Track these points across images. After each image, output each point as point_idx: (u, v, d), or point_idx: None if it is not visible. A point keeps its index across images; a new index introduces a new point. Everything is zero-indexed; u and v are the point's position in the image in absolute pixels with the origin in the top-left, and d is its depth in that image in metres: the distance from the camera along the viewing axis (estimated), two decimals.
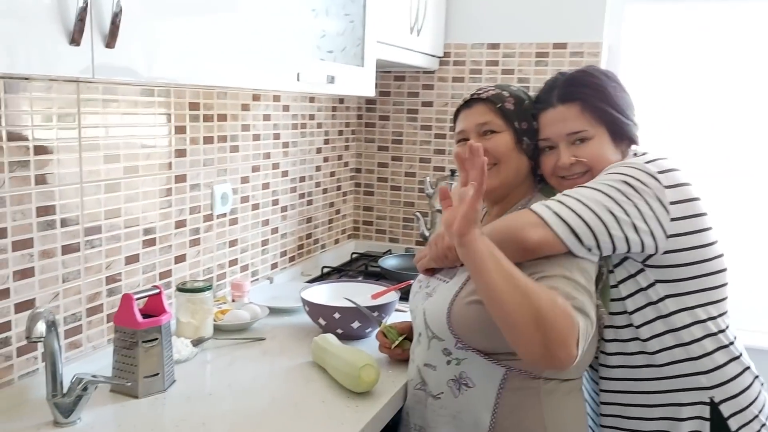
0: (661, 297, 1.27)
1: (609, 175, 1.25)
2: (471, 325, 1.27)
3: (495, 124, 1.34)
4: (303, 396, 1.40)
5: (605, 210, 1.20)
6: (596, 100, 1.31)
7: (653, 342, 1.29)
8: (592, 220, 1.19)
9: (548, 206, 1.22)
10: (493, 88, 1.38)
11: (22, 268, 1.33)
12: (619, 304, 1.31)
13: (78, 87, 1.40)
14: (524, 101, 1.37)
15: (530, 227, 1.20)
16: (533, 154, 1.36)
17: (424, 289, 1.41)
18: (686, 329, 1.27)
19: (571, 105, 1.31)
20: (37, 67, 0.90)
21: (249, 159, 2.02)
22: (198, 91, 1.76)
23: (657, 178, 1.22)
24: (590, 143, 1.31)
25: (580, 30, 2.38)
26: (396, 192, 2.74)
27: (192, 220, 1.80)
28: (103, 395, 1.37)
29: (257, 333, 1.76)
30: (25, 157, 1.30)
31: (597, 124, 1.31)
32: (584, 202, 1.21)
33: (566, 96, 1.32)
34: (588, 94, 1.31)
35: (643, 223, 1.20)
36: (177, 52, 1.18)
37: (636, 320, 1.30)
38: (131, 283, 1.60)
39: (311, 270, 2.38)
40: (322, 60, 1.69)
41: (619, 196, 1.20)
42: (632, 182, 1.21)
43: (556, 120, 1.32)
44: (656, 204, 1.21)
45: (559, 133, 1.32)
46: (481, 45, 2.51)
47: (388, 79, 2.67)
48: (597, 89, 1.32)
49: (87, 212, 1.46)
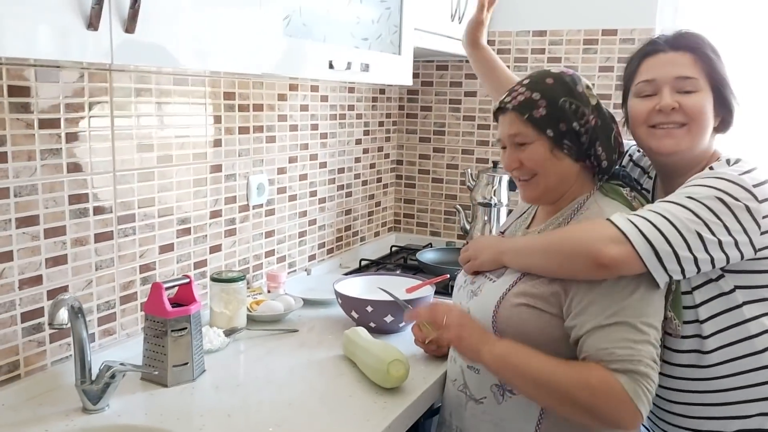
0: (739, 304, 1.18)
1: (699, 188, 1.14)
2: (518, 329, 1.19)
3: (525, 135, 1.22)
4: (331, 390, 1.38)
5: (692, 232, 1.10)
6: (711, 52, 1.23)
7: (717, 354, 1.21)
8: (678, 243, 1.09)
9: (631, 220, 1.12)
10: (524, 91, 1.23)
11: (55, 255, 1.34)
12: (691, 312, 1.22)
13: (110, 75, 1.40)
14: (559, 99, 1.20)
15: (608, 242, 1.10)
16: (587, 151, 1.23)
17: (469, 286, 1.34)
18: (763, 335, 1.19)
19: (685, 53, 1.23)
20: (53, 52, 0.89)
21: (286, 149, 2.00)
22: (233, 80, 1.75)
23: (752, 192, 1.12)
24: (696, 95, 1.22)
25: (631, 15, 2.28)
26: (438, 184, 2.69)
27: (227, 210, 1.80)
28: (133, 383, 1.38)
29: (291, 324, 1.75)
30: (57, 145, 1.31)
31: (705, 79, 1.22)
32: (671, 221, 1.10)
33: (680, 43, 1.24)
34: (703, 47, 1.23)
35: (730, 238, 1.11)
36: (202, 39, 1.16)
37: (705, 330, 1.21)
38: (165, 272, 1.61)
39: (350, 262, 2.36)
40: (356, 48, 1.65)
41: (708, 216, 1.11)
42: (725, 198, 1.11)
43: (666, 63, 1.24)
44: (747, 218, 1.11)
45: (666, 74, 1.23)
46: (527, 32, 2.44)
47: (430, 68, 2.61)
48: (712, 47, 1.25)
49: (120, 201, 1.46)
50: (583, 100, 1.21)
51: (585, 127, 1.20)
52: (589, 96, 1.23)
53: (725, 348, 1.20)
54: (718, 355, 1.21)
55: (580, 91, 1.22)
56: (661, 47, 1.26)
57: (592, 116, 1.21)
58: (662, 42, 1.27)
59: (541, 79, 1.24)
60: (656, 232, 1.10)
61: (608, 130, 1.24)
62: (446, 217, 2.70)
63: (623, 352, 1.09)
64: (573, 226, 1.21)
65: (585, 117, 1.20)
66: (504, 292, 1.22)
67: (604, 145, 1.23)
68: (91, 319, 1.43)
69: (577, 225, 1.21)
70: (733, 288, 1.18)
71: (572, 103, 1.20)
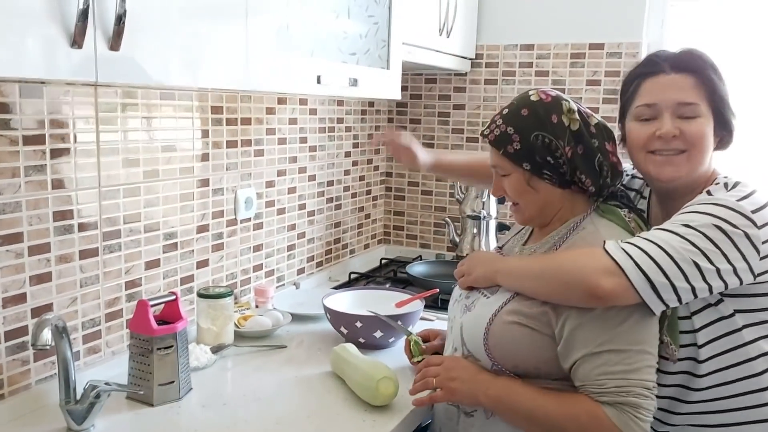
0: (739, 327, 1.17)
1: (696, 215, 1.12)
2: (509, 347, 1.19)
3: (503, 168, 1.24)
4: (319, 408, 1.36)
5: (689, 262, 1.07)
6: (713, 78, 1.20)
7: (710, 378, 1.20)
8: (674, 274, 1.07)
9: (626, 251, 1.10)
10: (501, 124, 1.22)
11: (39, 273, 1.32)
12: (689, 336, 1.21)
13: (96, 91, 1.39)
14: (531, 134, 1.18)
15: (603, 274, 1.08)
16: (570, 178, 1.20)
17: (463, 300, 1.33)
18: (761, 358, 1.18)
19: (687, 75, 1.20)
20: (36, 71, 0.88)
21: (274, 163, 1.99)
22: (221, 94, 1.74)
23: (751, 219, 1.10)
24: (697, 121, 1.19)
25: (618, 29, 2.29)
26: (427, 197, 2.69)
27: (215, 225, 1.78)
28: (118, 402, 1.36)
29: (279, 340, 1.73)
30: (41, 161, 1.30)
31: (706, 103, 1.20)
32: (667, 251, 1.08)
33: (683, 65, 1.21)
34: (705, 68, 1.20)
35: (729, 266, 1.09)
36: (188, 56, 1.16)
37: (702, 354, 1.20)
38: (152, 288, 1.59)
39: (339, 275, 2.35)
40: (344, 62, 1.65)
41: (706, 245, 1.08)
42: (723, 225, 1.09)
43: (667, 87, 1.20)
44: (746, 245, 1.09)
45: (668, 99, 1.20)
46: (514, 46, 2.45)
47: (419, 81, 2.62)
48: (713, 67, 1.21)
49: (105, 217, 1.45)
50: (557, 132, 1.18)
51: (561, 159, 1.19)
52: (569, 122, 1.19)
53: (720, 372, 1.19)
54: (710, 378, 1.20)
55: (554, 122, 1.19)
56: (661, 68, 1.22)
57: (568, 147, 1.18)
58: (663, 62, 1.23)
59: (517, 110, 1.22)
60: (652, 263, 1.08)
61: (591, 157, 1.20)
62: (436, 229, 2.69)
63: (613, 383, 1.10)
64: (567, 253, 1.19)
65: (559, 150, 1.18)
66: (497, 310, 1.21)
67: (587, 172, 1.20)
68: (76, 337, 1.41)
69: (572, 252, 1.18)
70: (733, 312, 1.17)
71: (545, 137, 1.18)
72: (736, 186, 1.18)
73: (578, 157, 1.19)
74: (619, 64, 2.30)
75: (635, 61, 2.24)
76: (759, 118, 2.22)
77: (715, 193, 1.17)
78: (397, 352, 1.64)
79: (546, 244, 1.26)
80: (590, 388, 1.12)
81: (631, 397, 1.09)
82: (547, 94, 1.22)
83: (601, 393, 1.10)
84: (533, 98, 1.22)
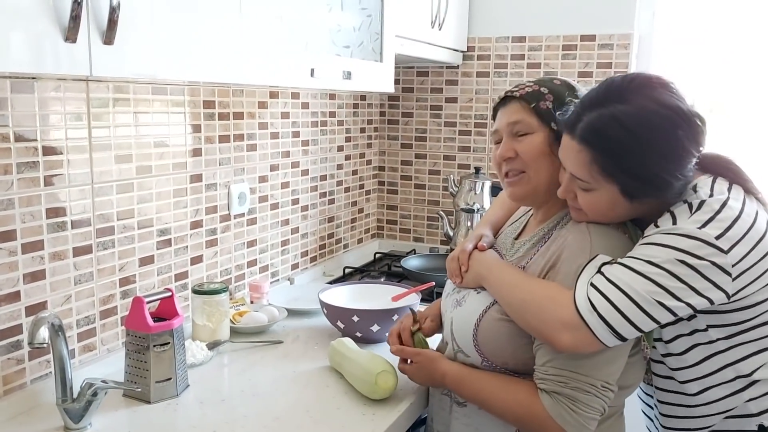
0: (713, 339, 1.15)
1: (658, 249, 1.06)
2: (499, 344, 1.19)
3: (527, 125, 1.20)
4: (318, 402, 1.36)
5: (655, 305, 1.05)
6: (612, 159, 1.09)
7: (694, 384, 1.20)
8: (640, 320, 1.05)
9: (591, 301, 1.06)
10: (532, 85, 1.23)
11: (33, 271, 1.31)
12: (662, 345, 1.21)
13: (87, 86, 1.37)
14: (566, 97, 1.20)
15: (564, 329, 1.07)
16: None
17: (455, 295, 1.32)
18: (743, 361, 1.16)
19: (584, 149, 1.10)
20: (29, 66, 0.87)
21: (267, 158, 1.98)
22: (213, 88, 1.72)
23: (716, 246, 1.03)
24: (590, 193, 1.13)
25: (609, 21, 2.29)
26: (420, 190, 2.69)
27: (208, 221, 1.77)
28: (115, 400, 1.35)
29: (275, 336, 1.73)
30: (34, 158, 1.28)
31: (605, 180, 1.10)
32: (632, 298, 1.05)
33: (585, 136, 1.10)
34: (605, 150, 1.09)
35: (701, 298, 1.05)
36: (182, 49, 1.14)
37: (686, 360, 1.19)
38: (146, 285, 1.58)
39: (333, 270, 2.34)
40: (338, 55, 1.64)
41: (671, 283, 1.04)
42: (687, 259, 1.04)
43: (565, 151, 1.14)
44: (716, 273, 1.04)
45: (564, 166, 1.16)
46: (506, 38, 2.44)
47: (411, 74, 2.61)
48: (619, 147, 1.08)
49: (99, 213, 1.43)
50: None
51: None
52: None
53: (708, 377, 1.18)
54: (696, 385, 1.20)
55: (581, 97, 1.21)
56: (575, 127, 1.12)
57: None
58: (579, 124, 1.11)
59: (549, 79, 1.26)
60: (617, 315, 1.05)
61: None
62: (429, 222, 2.69)
63: (554, 371, 1.12)
64: (538, 288, 1.14)
65: None
66: (487, 306, 1.22)
67: None
68: (71, 335, 1.40)
69: (540, 291, 1.14)
70: (706, 327, 1.15)
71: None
72: (702, 206, 1.08)
73: None
74: (611, 55, 2.30)
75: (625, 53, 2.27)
76: (749, 111, 2.23)
77: (678, 216, 1.10)
78: None
79: (536, 236, 1.25)
80: (537, 373, 1.14)
81: (569, 389, 1.10)
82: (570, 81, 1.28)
83: (543, 379, 1.13)
84: (561, 78, 1.27)
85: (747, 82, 2.22)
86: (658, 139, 1.07)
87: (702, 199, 1.10)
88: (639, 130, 1.07)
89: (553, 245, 1.19)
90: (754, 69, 2.20)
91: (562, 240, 1.18)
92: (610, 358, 1.12)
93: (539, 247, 1.23)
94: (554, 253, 1.18)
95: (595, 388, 1.10)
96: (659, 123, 1.07)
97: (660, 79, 1.12)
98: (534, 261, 1.21)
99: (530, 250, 1.24)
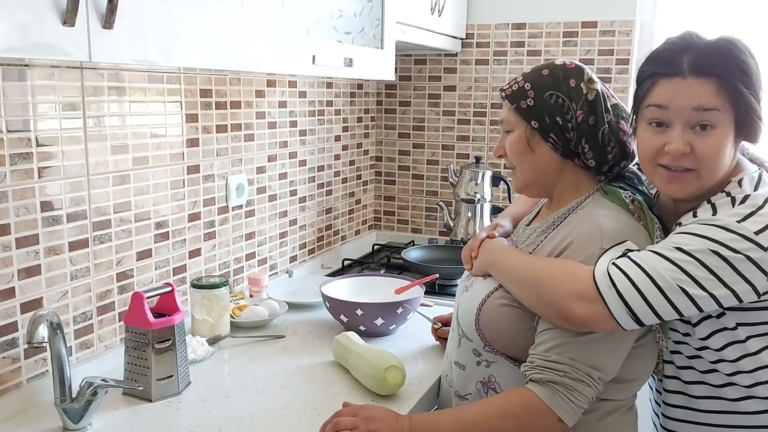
0: (743, 339, 1.11)
1: (691, 238, 1.03)
2: (500, 328, 1.18)
3: (509, 123, 1.23)
4: (324, 398, 1.32)
5: (677, 291, 1.01)
6: (738, 80, 1.05)
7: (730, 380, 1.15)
8: (660, 305, 1.02)
9: (611, 277, 1.04)
10: (520, 81, 1.21)
11: (28, 266, 1.26)
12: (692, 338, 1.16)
13: (82, 74, 1.32)
14: (545, 92, 1.18)
15: (578, 299, 1.04)
16: (574, 147, 1.18)
17: (465, 281, 1.33)
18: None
19: (707, 80, 1.05)
20: (25, 50, 0.82)
21: (265, 148, 1.94)
22: (209, 76, 1.68)
23: (755, 241, 1.00)
24: (713, 133, 1.06)
25: (610, 7, 2.26)
26: (418, 181, 2.65)
27: (206, 213, 1.73)
28: (115, 399, 1.31)
29: (276, 330, 1.69)
30: (27, 149, 1.23)
31: (729, 110, 1.06)
32: (654, 279, 1.02)
33: (703, 67, 1.06)
34: (731, 71, 1.05)
35: (727, 290, 1.01)
36: (182, 34, 1.10)
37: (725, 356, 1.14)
38: (144, 279, 1.53)
39: (332, 262, 2.30)
40: (339, 42, 1.59)
41: (698, 272, 1.00)
42: (720, 250, 1.00)
43: (683, 92, 1.06)
44: (750, 269, 1.00)
45: (682, 106, 1.07)
46: (506, 25, 2.40)
47: (409, 62, 2.57)
48: (742, 68, 1.06)
49: (95, 206, 1.39)
50: (572, 95, 1.17)
51: (570, 123, 1.17)
52: (587, 90, 1.18)
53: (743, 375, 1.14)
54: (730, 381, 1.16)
55: (572, 86, 1.18)
56: (680, 70, 1.07)
57: (580, 111, 1.17)
58: (683, 62, 1.07)
59: (539, 70, 1.22)
60: (637, 296, 1.02)
61: (599, 128, 1.17)
62: (427, 213, 2.65)
63: (557, 359, 1.09)
64: (551, 266, 1.13)
65: (570, 112, 1.17)
66: (491, 291, 1.21)
67: (591, 143, 1.17)
68: (68, 332, 1.35)
69: (555, 266, 1.12)
70: (735, 325, 1.11)
71: (559, 97, 1.17)
72: (746, 201, 1.05)
73: (587, 125, 1.17)
74: (613, 42, 2.27)
75: (627, 39, 2.23)
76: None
77: (719, 208, 1.07)
78: (397, 339, 1.61)
79: (545, 223, 1.24)
80: (536, 360, 1.11)
81: (568, 379, 1.08)
82: (572, 62, 1.22)
83: (541, 368, 1.10)
84: (557, 62, 1.22)
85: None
86: (758, 67, 1.10)
87: (747, 193, 1.07)
88: (748, 53, 1.09)
89: (562, 231, 1.18)
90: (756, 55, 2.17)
91: (571, 227, 1.16)
92: (612, 349, 1.10)
93: (548, 233, 1.21)
94: (563, 239, 1.16)
95: (591, 379, 1.09)
96: (754, 54, 1.11)
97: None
98: (541, 247, 1.20)
99: (539, 236, 1.24)
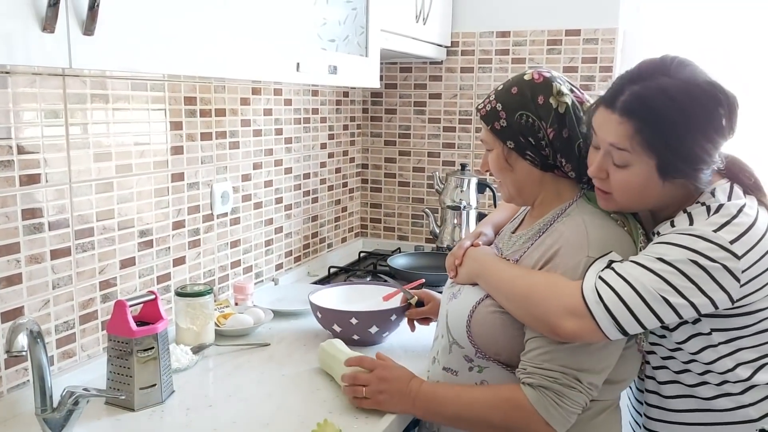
0: (715, 344, 1.14)
1: (672, 248, 1.06)
2: (491, 335, 1.18)
3: (488, 143, 1.25)
4: (309, 407, 1.32)
5: (660, 301, 1.05)
6: (658, 131, 1.06)
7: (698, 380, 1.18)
8: (645, 316, 1.06)
9: (599, 292, 1.06)
10: (492, 100, 1.23)
11: (9, 275, 1.25)
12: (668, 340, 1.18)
13: (64, 81, 1.32)
14: (516, 113, 1.18)
15: (568, 315, 1.07)
16: (552, 161, 1.20)
17: (451, 288, 1.33)
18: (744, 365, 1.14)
19: (627, 121, 1.07)
20: (4, 57, 0.81)
21: (250, 156, 1.93)
22: (194, 84, 1.67)
23: (730, 251, 1.04)
24: (626, 170, 1.10)
25: (594, 15, 2.28)
26: (404, 188, 2.65)
27: (191, 221, 1.72)
28: (97, 408, 1.29)
29: (261, 338, 1.68)
30: (8, 157, 1.22)
31: (644, 154, 1.08)
32: (639, 292, 1.05)
33: (629, 109, 1.08)
34: (649, 122, 1.06)
35: (705, 298, 1.05)
36: (165, 41, 1.09)
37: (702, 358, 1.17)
38: (127, 288, 1.52)
39: (318, 270, 2.30)
40: (323, 49, 1.60)
41: (680, 282, 1.04)
42: (699, 260, 1.04)
43: (606, 125, 1.10)
44: (725, 276, 1.04)
45: (602, 138, 1.11)
46: (490, 33, 2.42)
47: (394, 70, 2.57)
48: (669, 119, 1.06)
49: (77, 214, 1.38)
50: (541, 113, 1.17)
51: (543, 141, 1.18)
52: (557, 104, 1.17)
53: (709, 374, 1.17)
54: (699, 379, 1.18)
55: (540, 103, 1.18)
56: (614, 103, 1.09)
57: (551, 129, 1.17)
58: (620, 96, 1.09)
59: (508, 88, 1.22)
60: (624, 309, 1.06)
61: (574, 141, 1.18)
62: (414, 220, 2.66)
63: (547, 366, 1.11)
64: (541, 279, 1.14)
65: (542, 131, 1.18)
66: (481, 298, 1.21)
67: (567, 157, 1.19)
68: (49, 341, 1.34)
69: (545, 280, 1.13)
70: (710, 331, 1.13)
71: (528, 117, 1.18)
72: (720, 210, 1.08)
73: (561, 140, 1.18)
74: (596, 50, 2.29)
75: (610, 47, 2.26)
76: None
77: (695, 217, 1.10)
78: (387, 347, 1.61)
79: (531, 230, 1.25)
80: (526, 365, 1.13)
81: (557, 385, 1.10)
82: (540, 75, 1.21)
83: (531, 373, 1.12)
84: (526, 77, 1.21)
85: (732, 76, 2.22)
86: (701, 115, 1.07)
87: (720, 203, 1.10)
88: (685, 104, 1.06)
89: (549, 239, 1.18)
90: (739, 63, 2.20)
91: (558, 234, 1.17)
92: (603, 357, 1.12)
93: (534, 240, 1.22)
94: (550, 246, 1.17)
95: (581, 385, 1.11)
96: (704, 99, 1.07)
97: (696, 62, 1.14)
98: (528, 254, 1.21)
99: (525, 243, 1.24)
